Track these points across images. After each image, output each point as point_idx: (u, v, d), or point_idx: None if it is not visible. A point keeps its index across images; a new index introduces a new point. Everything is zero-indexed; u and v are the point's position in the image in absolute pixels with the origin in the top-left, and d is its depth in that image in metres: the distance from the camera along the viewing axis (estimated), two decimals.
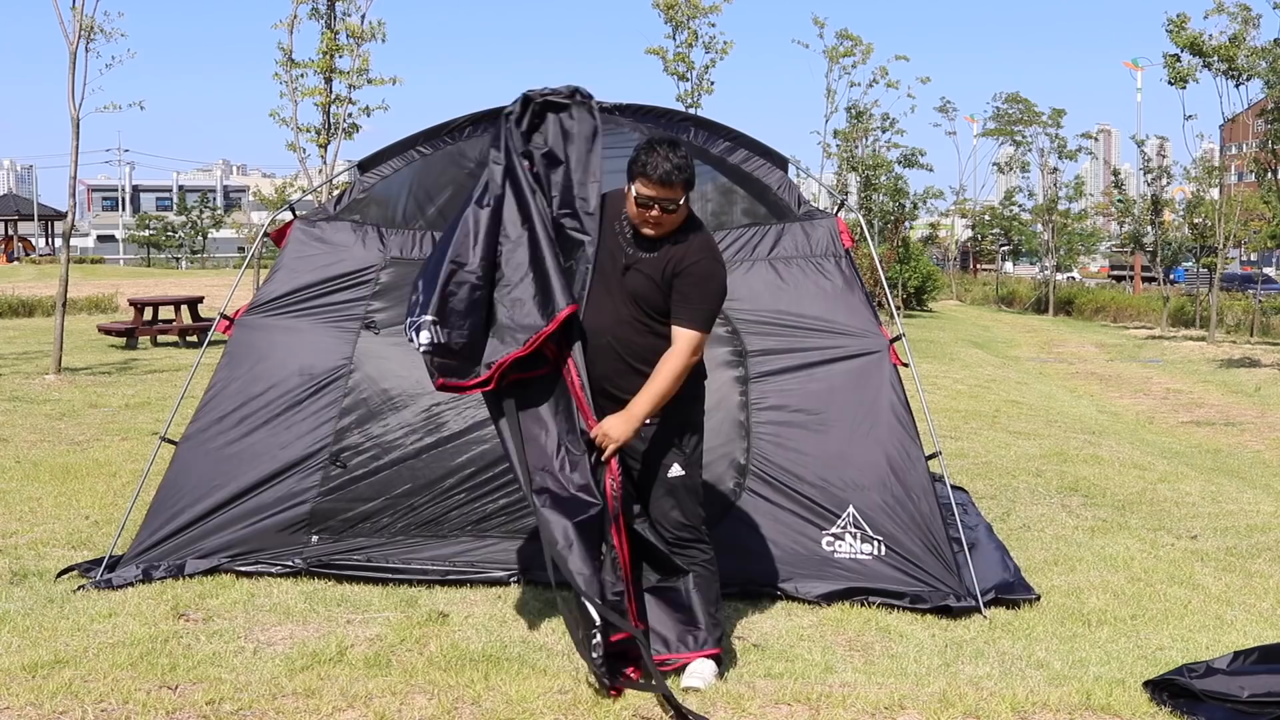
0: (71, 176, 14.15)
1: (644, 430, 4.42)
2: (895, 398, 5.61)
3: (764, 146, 6.03)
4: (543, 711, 4.13)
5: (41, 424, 10.21)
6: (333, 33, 16.90)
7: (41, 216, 55.56)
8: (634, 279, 4.39)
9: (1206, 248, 30.72)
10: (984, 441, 10.27)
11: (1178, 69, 22.22)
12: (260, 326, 5.94)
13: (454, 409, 5.72)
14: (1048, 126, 38.68)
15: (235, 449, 5.72)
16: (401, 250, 6.04)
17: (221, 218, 62.88)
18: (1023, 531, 6.97)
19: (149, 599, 5.26)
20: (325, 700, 4.18)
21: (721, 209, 6.09)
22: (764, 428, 5.67)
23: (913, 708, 4.23)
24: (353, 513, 5.64)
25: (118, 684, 4.28)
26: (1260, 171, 21.94)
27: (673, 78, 20.70)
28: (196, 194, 67.98)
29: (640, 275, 4.39)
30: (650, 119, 5.93)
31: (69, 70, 13.57)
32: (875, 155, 30.29)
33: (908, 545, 5.43)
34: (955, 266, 56.99)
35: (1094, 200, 49.40)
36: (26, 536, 6.40)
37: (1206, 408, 14.50)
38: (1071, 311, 37.55)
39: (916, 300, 33.44)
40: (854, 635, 5.04)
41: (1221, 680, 4.21)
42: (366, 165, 6.17)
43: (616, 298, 4.41)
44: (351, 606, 5.23)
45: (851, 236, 6.06)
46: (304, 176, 18.39)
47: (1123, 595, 5.74)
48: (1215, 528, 7.30)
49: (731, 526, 5.46)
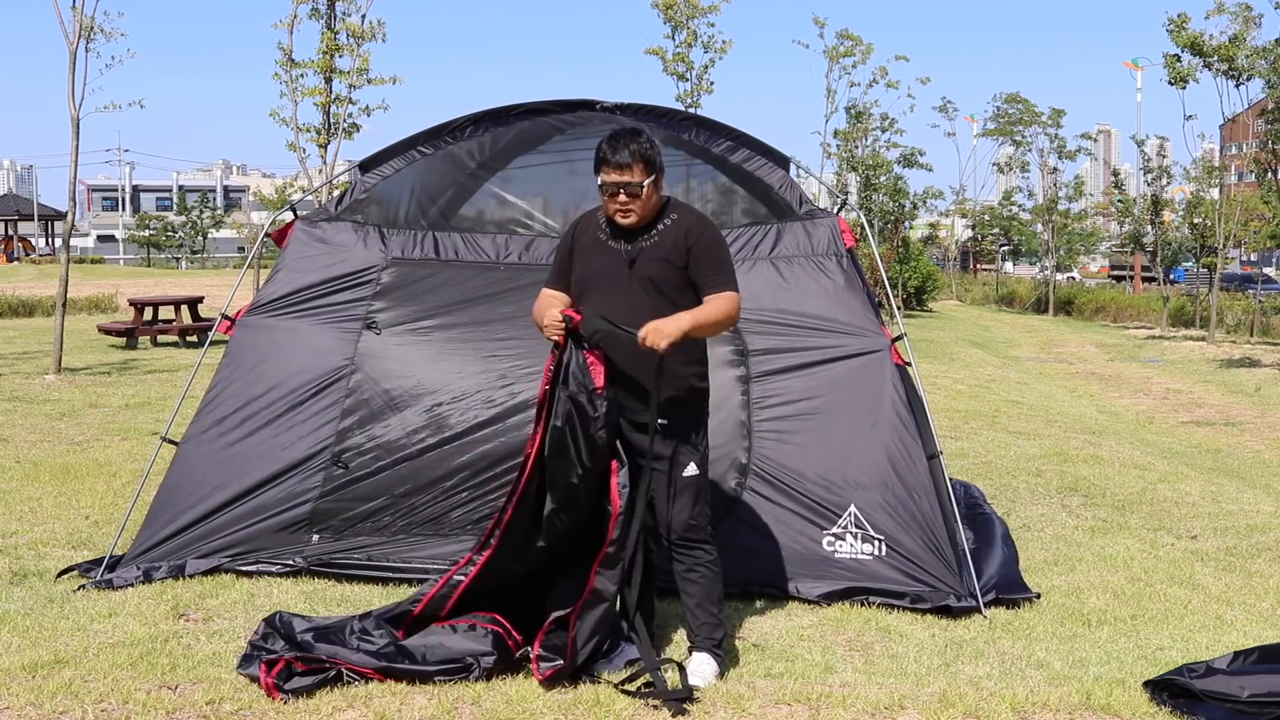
0: (71, 176, 14.16)
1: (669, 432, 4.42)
2: (896, 397, 5.61)
3: (765, 146, 6.04)
4: (543, 711, 4.13)
5: (41, 424, 10.21)
6: (333, 33, 16.90)
7: (41, 216, 55.53)
8: (646, 267, 4.42)
9: (1206, 248, 30.71)
10: (984, 441, 10.27)
11: (1178, 69, 22.22)
12: (262, 327, 5.94)
13: (456, 409, 5.72)
14: (1047, 127, 38.69)
15: (236, 449, 5.72)
16: (403, 250, 6.04)
17: (221, 218, 62.88)
18: (1023, 531, 6.97)
19: (149, 599, 5.26)
20: (325, 700, 4.18)
21: (722, 209, 6.10)
22: (766, 427, 5.67)
23: (913, 708, 4.23)
24: (354, 512, 5.64)
25: (118, 684, 4.28)
26: (1260, 171, 21.94)
27: (672, 78, 20.72)
28: (196, 194, 67.93)
29: (651, 261, 4.43)
30: (651, 118, 5.94)
31: (69, 70, 13.58)
32: (875, 155, 30.29)
33: (908, 545, 5.43)
34: (955, 266, 56.99)
35: (1094, 200, 49.40)
36: (26, 536, 6.40)
37: (1206, 408, 14.50)
38: (1071, 311, 37.55)
39: (916, 300, 33.45)
40: (854, 635, 5.04)
41: (1221, 680, 4.21)
42: (367, 165, 6.18)
43: (630, 292, 4.42)
44: (352, 606, 5.22)
45: (854, 235, 6.06)
46: (304, 176, 18.40)
47: (1123, 595, 5.75)
48: (1215, 528, 7.30)
49: (733, 526, 5.46)
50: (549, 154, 6.23)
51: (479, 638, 4.47)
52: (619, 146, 4.39)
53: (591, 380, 4.29)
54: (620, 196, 4.40)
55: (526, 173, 6.26)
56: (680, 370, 4.44)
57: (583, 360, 4.31)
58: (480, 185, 6.25)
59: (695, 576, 4.52)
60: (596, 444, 4.28)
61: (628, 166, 4.36)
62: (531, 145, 6.19)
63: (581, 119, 6.04)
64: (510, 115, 6.10)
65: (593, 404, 4.27)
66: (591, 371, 4.29)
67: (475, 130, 6.10)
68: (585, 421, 4.27)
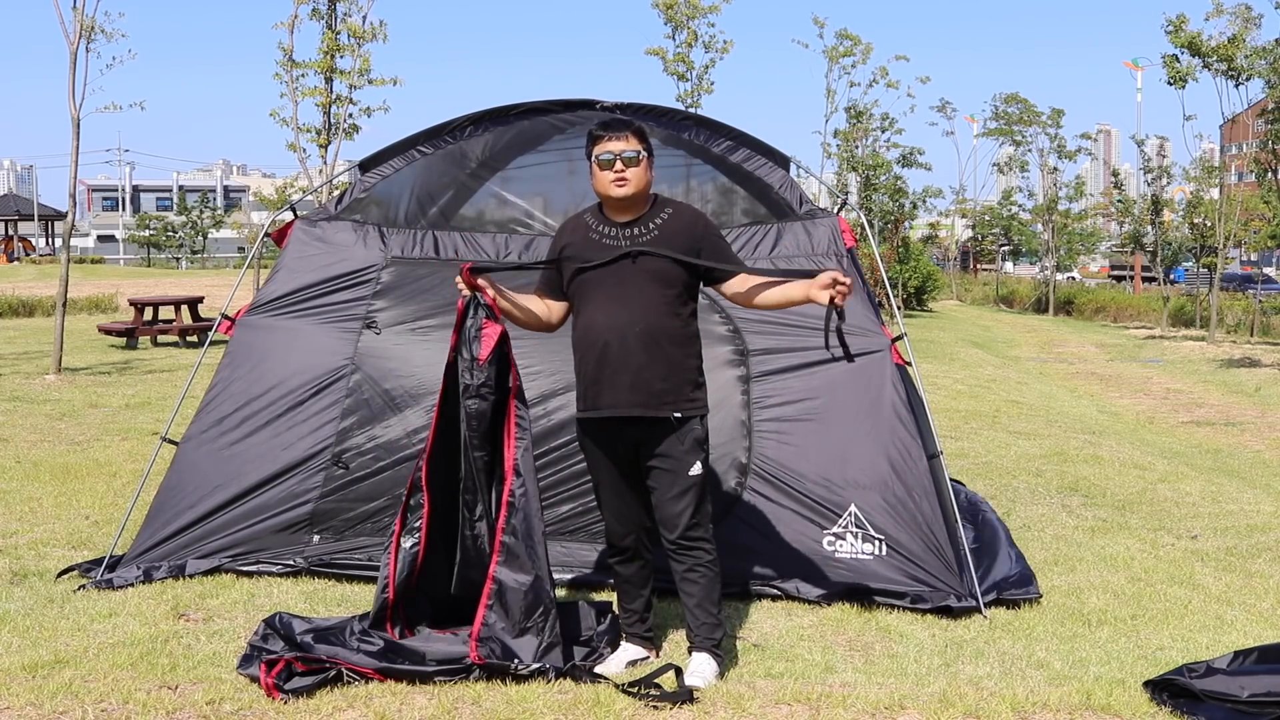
0: (72, 176, 14.16)
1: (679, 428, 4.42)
2: (897, 397, 5.61)
3: (765, 146, 6.03)
4: (543, 711, 4.13)
5: (42, 424, 10.21)
6: (334, 33, 16.91)
7: (42, 216, 55.55)
8: (650, 260, 4.40)
9: (1206, 248, 30.69)
10: (984, 441, 10.27)
11: (1176, 69, 22.22)
12: (261, 326, 5.94)
13: None
14: (1047, 126, 38.67)
15: (237, 449, 5.72)
16: (402, 250, 6.04)
17: (221, 218, 62.87)
18: (1023, 531, 6.97)
19: (149, 599, 5.26)
20: (325, 700, 4.18)
21: (722, 209, 6.09)
22: (766, 426, 5.67)
23: (913, 708, 4.23)
24: (354, 512, 5.64)
25: (118, 684, 4.28)
26: (1260, 171, 21.93)
27: (673, 78, 20.72)
28: (196, 194, 67.92)
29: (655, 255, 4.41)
30: (651, 118, 5.93)
31: (69, 70, 13.59)
32: (875, 155, 30.29)
33: (908, 545, 5.43)
34: (955, 266, 56.99)
35: (1094, 200, 49.39)
36: (26, 536, 6.40)
37: (1207, 408, 14.50)
38: (1071, 311, 37.54)
39: (916, 300, 33.44)
40: (854, 635, 5.04)
41: (1221, 680, 4.21)
42: (367, 165, 6.18)
43: (635, 287, 4.39)
44: (352, 606, 5.22)
45: (854, 235, 6.06)
46: (304, 176, 18.39)
47: (1123, 595, 5.74)
48: (1215, 528, 7.30)
49: (733, 526, 5.45)
50: (549, 154, 6.23)
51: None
52: (610, 121, 4.50)
53: (478, 349, 4.36)
54: (617, 165, 4.40)
55: (526, 172, 6.26)
56: (687, 363, 4.45)
57: (478, 328, 4.39)
58: (480, 185, 6.25)
59: (695, 577, 4.52)
60: (469, 413, 4.38)
61: (623, 135, 4.41)
62: (531, 145, 6.19)
63: (581, 119, 6.04)
64: (510, 115, 6.10)
65: (470, 373, 4.37)
66: (482, 340, 4.36)
67: (475, 130, 6.10)
68: (463, 390, 4.39)
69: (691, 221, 4.50)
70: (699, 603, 4.52)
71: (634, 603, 4.70)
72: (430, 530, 4.60)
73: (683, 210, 4.56)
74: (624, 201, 4.44)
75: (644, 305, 4.37)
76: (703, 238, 4.47)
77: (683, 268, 4.43)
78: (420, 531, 4.59)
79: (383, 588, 4.62)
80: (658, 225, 4.46)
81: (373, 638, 4.54)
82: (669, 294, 4.41)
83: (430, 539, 4.61)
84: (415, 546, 4.59)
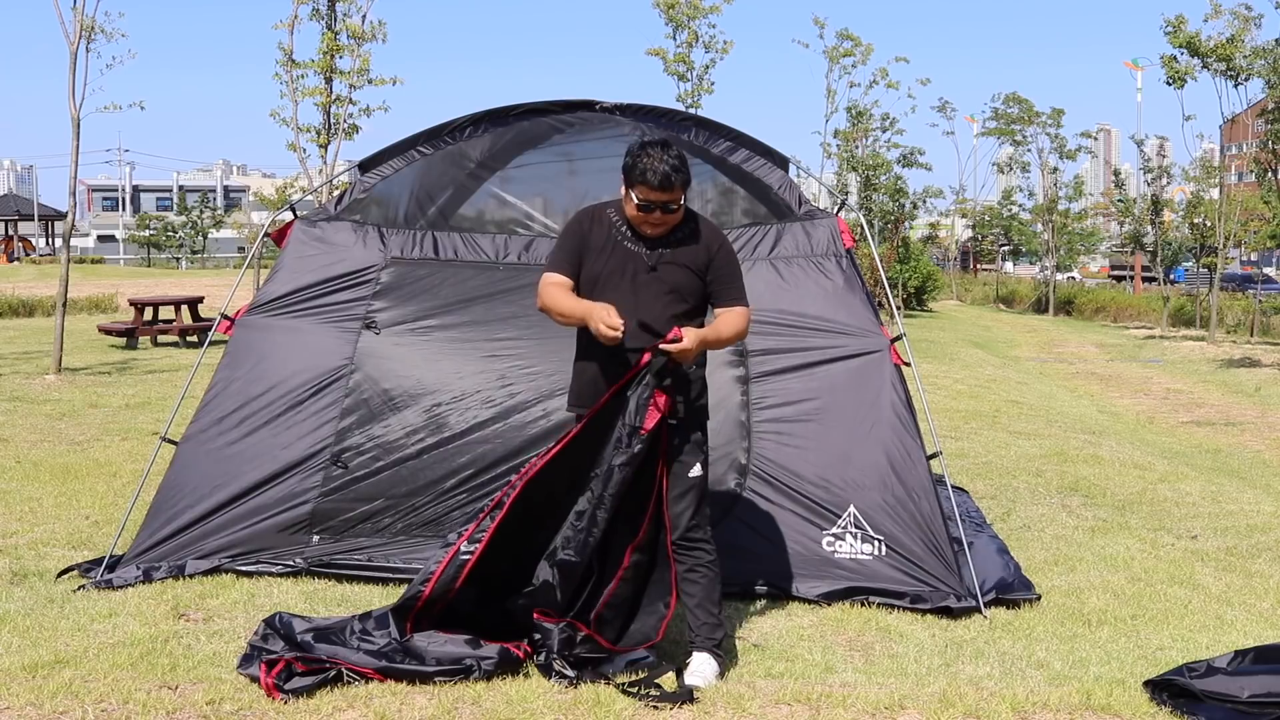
0: (72, 176, 14.15)
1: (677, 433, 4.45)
2: (896, 397, 5.61)
3: (765, 146, 6.04)
4: (543, 711, 4.13)
5: (42, 424, 10.21)
6: (333, 33, 16.90)
7: (42, 216, 55.54)
8: (670, 273, 4.45)
9: (1206, 248, 30.71)
10: (984, 441, 10.27)
11: (1175, 69, 22.23)
12: (261, 326, 5.94)
13: (455, 409, 5.72)
14: (1047, 126, 38.69)
15: (236, 449, 5.72)
16: (402, 250, 6.05)
17: (221, 218, 62.84)
18: (1023, 531, 6.97)
19: (149, 599, 5.26)
20: (325, 700, 4.18)
21: (722, 209, 6.10)
22: (765, 427, 5.67)
23: (913, 708, 4.23)
24: (354, 513, 5.64)
25: (118, 684, 4.28)
26: (1260, 171, 21.95)
27: (673, 78, 20.73)
28: (196, 194, 67.94)
29: (675, 267, 4.46)
30: (651, 119, 5.94)
31: (69, 70, 13.58)
32: (875, 155, 30.30)
33: (908, 545, 5.43)
34: (955, 266, 56.99)
35: (1094, 200, 49.39)
36: (26, 536, 6.40)
37: (1206, 408, 14.50)
38: (1072, 311, 37.55)
39: (916, 300, 33.45)
40: (854, 635, 5.04)
41: (1221, 680, 4.21)
42: (367, 165, 6.18)
43: (648, 293, 4.43)
44: (352, 606, 5.22)
45: (853, 236, 6.06)
46: (304, 177, 18.39)
47: (1123, 595, 5.74)
48: (1215, 528, 7.30)
49: (733, 526, 5.46)
50: (549, 154, 6.24)
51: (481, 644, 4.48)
52: (658, 164, 4.31)
53: (642, 420, 4.33)
54: (656, 214, 4.40)
55: (526, 173, 6.26)
56: (693, 371, 4.49)
57: (646, 398, 4.34)
58: (480, 185, 6.25)
59: (695, 577, 4.52)
60: (614, 472, 4.35)
61: (670, 188, 4.35)
62: (531, 145, 6.19)
63: (581, 119, 6.04)
64: (510, 115, 6.10)
65: (629, 441, 4.33)
66: (648, 413, 4.33)
67: (475, 130, 6.10)
68: (618, 454, 4.35)
69: (708, 242, 4.52)
70: (699, 603, 4.52)
71: None
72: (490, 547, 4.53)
73: (703, 227, 4.57)
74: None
75: (655, 312, 4.41)
76: (713, 258, 4.50)
77: (696, 281, 4.48)
78: (480, 544, 4.52)
79: (422, 580, 4.55)
80: (678, 239, 4.49)
81: (373, 637, 4.53)
82: (681, 307, 4.46)
83: (486, 556, 4.53)
84: (469, 557, 4.53)
